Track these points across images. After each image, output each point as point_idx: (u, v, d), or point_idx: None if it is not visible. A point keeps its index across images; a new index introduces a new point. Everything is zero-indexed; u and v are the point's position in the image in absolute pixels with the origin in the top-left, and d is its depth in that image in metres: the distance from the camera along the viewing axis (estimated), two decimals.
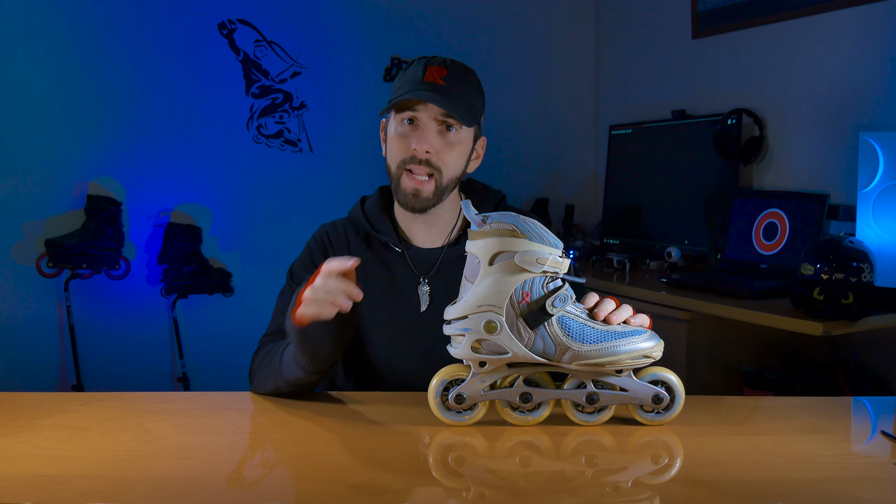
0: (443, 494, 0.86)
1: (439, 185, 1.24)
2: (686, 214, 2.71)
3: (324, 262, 1.07)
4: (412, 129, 1.24)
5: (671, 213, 2.77)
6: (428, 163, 1.23)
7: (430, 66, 1.23)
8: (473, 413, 1.02)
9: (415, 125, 1.24)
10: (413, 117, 1.24)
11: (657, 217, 2.85)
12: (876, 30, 2.20)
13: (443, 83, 1.21)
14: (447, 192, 1.27)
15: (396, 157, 1.25)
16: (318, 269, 1.07)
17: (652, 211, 2.87)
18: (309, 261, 1.33)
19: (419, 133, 1.23)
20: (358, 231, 1.34)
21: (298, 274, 1.32)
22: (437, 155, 1.23)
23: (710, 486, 0.85)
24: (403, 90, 1.24)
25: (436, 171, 1.24)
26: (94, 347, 2.79)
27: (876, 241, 1.96)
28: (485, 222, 0.97)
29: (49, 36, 2.70)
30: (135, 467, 0.90)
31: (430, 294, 1.28)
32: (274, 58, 2.97)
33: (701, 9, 2.78)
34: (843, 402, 1.25)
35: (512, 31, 3.27)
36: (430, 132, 1.22)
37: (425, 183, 1.24)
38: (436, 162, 1.23)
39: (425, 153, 1.22)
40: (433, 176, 1.24)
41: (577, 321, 0.98)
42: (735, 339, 2.17)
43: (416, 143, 1.22)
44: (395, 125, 1.26)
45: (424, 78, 1.22)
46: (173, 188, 2.88)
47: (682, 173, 2.75)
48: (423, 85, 1.22)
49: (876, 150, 1.99)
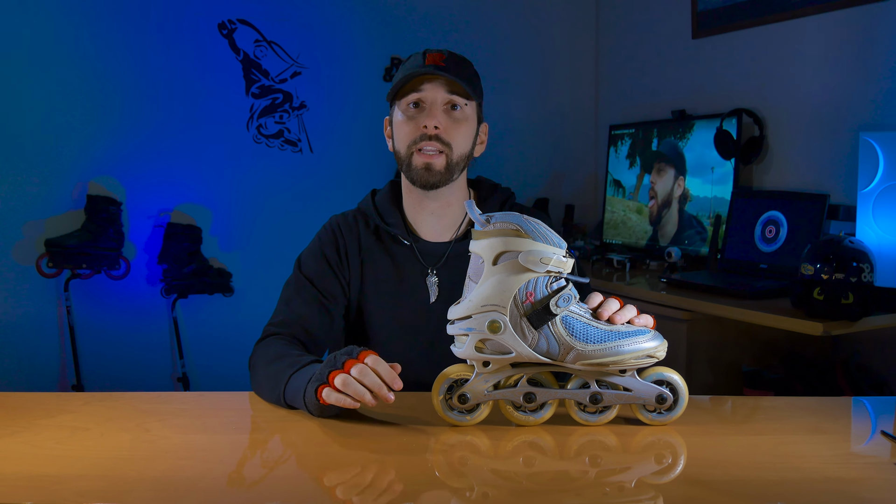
0: (446, 494, 0.86)
1: (450, 160, 1.26)
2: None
3: (367, 351, 1.03)
4: (418, 111, 1.27)
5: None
6: (438, 138, 1.25)
7: (428, 53, 1.27)
8: (477, 413, 1.02)
9: (420, 107, 1.27)
10: (419, 99, 1.26)
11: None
12: (876, 30, 2.20)
13: (444, 64, 1.25)
14: (457, 171, 1.28)
15: (405, 139, 1.27)
16: (360, 354, 1.02)
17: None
18: (318, 251, 1.33)
19: (427, 112, 1.25)
20: (368, 223, 1.35)
21: (307, 264, 1.33)
22: (446, 131, 1.26)
23: (710, 486, 0.85)
24: (405, 78, 1.26)
25: (446, 146, 1.26)
26: (94, 347, 2.78)
27: (876, 241, 1.96)
28: (489, 222, 0.97)
29: (49, 36, 2.70)
30: (135, 467, 0.90)
31: (438, 286, 1.29)
32: (274, 58, 2.97)
33: (701, 9, 2.78)
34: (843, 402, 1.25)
35: (512, 32, 3.27)
36: (437, 109, 1.25)
37: (436, 156, 1.25)
38: (445, 137, 1.26)
39: (434, 129, 1.24)
40: (443, 152, 1.26)
41: (581, 321, 0.98)
42: (735, 339, 2.17)
43: (424, 121, 1.25)
44: (400, 112, 1.29)
45: (426, 62, 1.25)
46: (173, 188, 2.88)
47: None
48: (425, 67, 1.25)
49: (876, 150, 1.99)
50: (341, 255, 1.33)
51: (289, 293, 1.31)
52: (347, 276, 1.32)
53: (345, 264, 1.32)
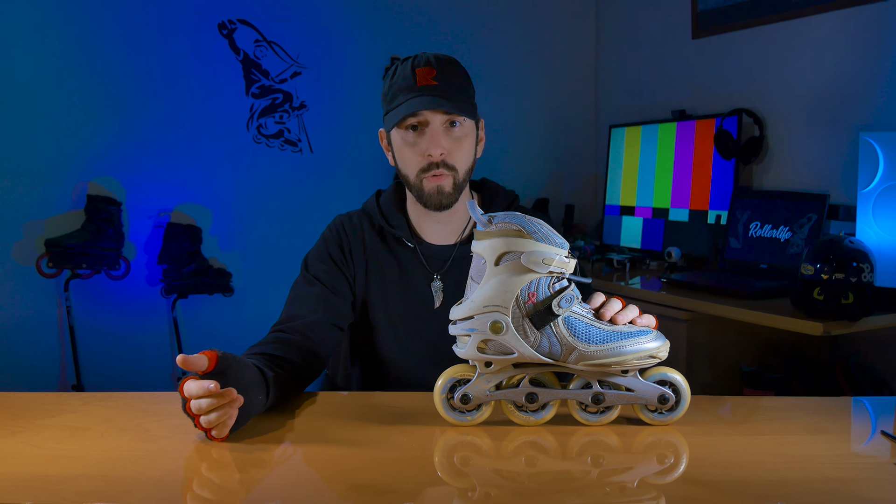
0: (448, 494, 0.86)
1: (457, 180, 1.27)
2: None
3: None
4: (418, 135, 1.26)
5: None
6: (444, 163, 1.25)
7: (417, 70, 1.24)
8: (479, 413, 1.02)
9: (420, 131, 1.25)
10: (417, 123, 1.25)
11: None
12: (876, 30, 2.20)
13: (436, 83, 1.23)
14: (465, 184, 1.30)
15: (413, 167, 1.27)
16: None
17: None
18: (324, 251, 1.33)
19: (428, 138, 1.24)
20: (373, 223, 1.35)
21: (313, 264, 1.32)
22: (451, 155, 1.25)
23: (710, 486, 0.85)
24: (399, 100, 1.24)
25: (451, 170, 1.26)
26: (94, 347, 2.78)
27: (876, 241, 1.96)
28: (491, 222, 0.97)
29: (49, 36, 2.70)
30: (135, 467, 0.90)
31: (443, 290, 1.30)
32: (274, 58, 2.97)
33: (701, 9, 2.78)
34: (843, 402, 1.25)
35: (512, 31, 3.27)
36: (438, 135, 1.24)
37: (444, 177, 1.26)
38: (451, 161, 1.26)
39: (440, 156, 1.24)
40: (449, 174, 1.26)
41: (583, 321, 0.98)
42: (735, 339, 2.17)
43: (428, 149, 1.24)
44: (399, 136, 1.28)
45: (417, 83, 1.23)
46: (173, 188, 2.88)
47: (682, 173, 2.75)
48: (418, 90, 1.23)
49: (876, 150, 1.99)
50: (346, 254, 1.33)
51: (295, 293, 1.31)
52: (353, 273, 1.32)
53: (350, 263, 1.32)
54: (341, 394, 1.36)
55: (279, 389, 1.07)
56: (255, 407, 1.01)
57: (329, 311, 1.28)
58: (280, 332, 1.23)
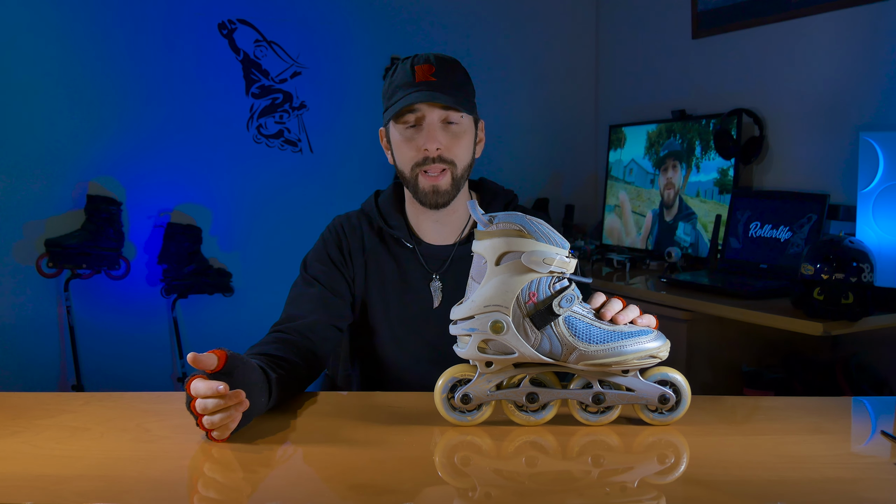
0: (448, 494, 0.86)
1: (455, 176, 1.27)
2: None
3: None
4: (415, 130, 1.26)
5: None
6: (440, 158, 1.25)
7: (416, 67, 1.24)
8: (479, 413, 1.02)
9: (418, 127, 1.25)
10: (414, 120, 1.25)
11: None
12: (876, 30, 2.20)
13: (434, 79, 1.23)
14: (462, 182, 1.29)
15: (408, 161, 1.27)
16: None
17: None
18: (323, 252, 1.33)
19: (425, 133, 1.24)
20: (371, 224, 1.35)
21: (313, 265, 1.33)
22: (448, 150, 1.25)
23: (710, 486, 0.85)
24: (397, 96, 1.25)
25: (449, 164, 1.26)
26: (94, 347, 2.78)
27: (876, 241, 1.96)
28: (491, 222, 0.97)
29: (49, 36, 2.69)
30: (135, 467, 0.90)
31: (442, 290, 1.30)
32: (274, 58, 2.97)
33: (701, 9, 2.78)
34: (843, 402, 1.25)
35: (512, 31, 3.27)
36: (435, 130, 1.24)
37: (441, 177, 1.25)
38: (447, 156, 1.25)
39: (436, 150, 1.24)
40: (447, 170, 1.26)
41: (584, 321, 0.98)
42: (735, 339, 2.17)
43: (424, 144, 1.24)
44: (397, 131, 1.28)
45: (416, 79, 1.23)
46: (173, 188, 2.88)
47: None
48: (416, 85, 1.23)
49: (876, 150, 1.99)
50: (345, 254, 1.33)
51: (294, 293, 1.31)
52: (352, 273, 1.32)
53: (349, 263, 1.33)
54: (341, 394, 1.36)
55: (281, 391, 1.07)
56: (257, 409, 1.01)
57: (328, 312, 1.28)
58: (280, 332, 1.23)
